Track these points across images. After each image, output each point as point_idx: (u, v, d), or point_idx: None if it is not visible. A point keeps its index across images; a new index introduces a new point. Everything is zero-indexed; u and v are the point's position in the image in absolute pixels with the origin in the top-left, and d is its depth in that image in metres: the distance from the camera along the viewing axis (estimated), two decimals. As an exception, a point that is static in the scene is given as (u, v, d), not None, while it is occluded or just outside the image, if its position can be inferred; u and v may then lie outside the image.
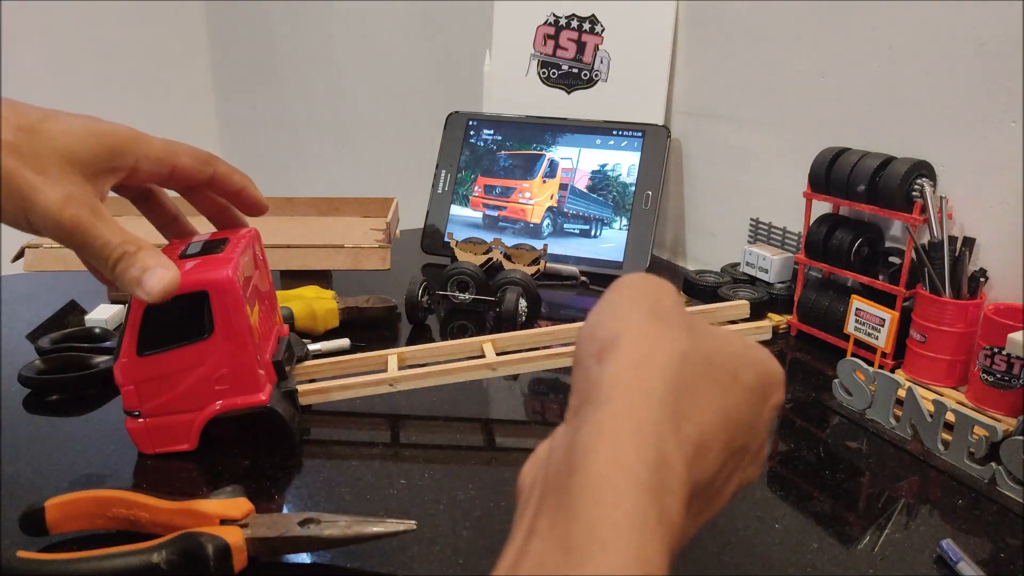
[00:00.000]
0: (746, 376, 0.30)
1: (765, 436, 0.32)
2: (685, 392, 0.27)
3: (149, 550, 0.41)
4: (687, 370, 0.28)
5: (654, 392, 0.26)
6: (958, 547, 0.44)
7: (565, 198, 0.98)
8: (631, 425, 0.25)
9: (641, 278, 0.31)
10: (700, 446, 0.27)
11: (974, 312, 0.62)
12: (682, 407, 0.27)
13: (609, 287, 0.30)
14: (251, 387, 0.53)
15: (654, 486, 0.24)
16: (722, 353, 0.30)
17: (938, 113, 0.68)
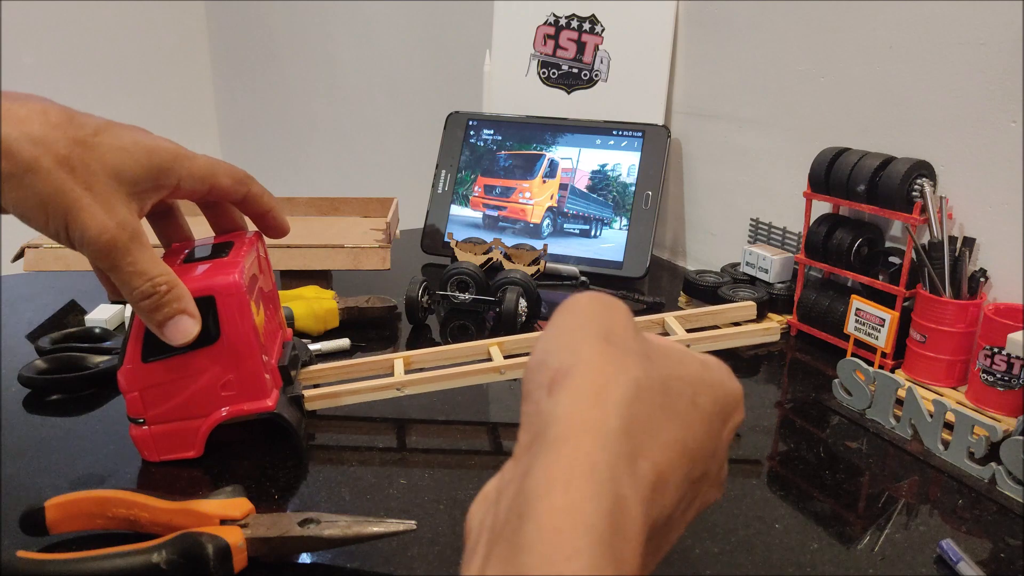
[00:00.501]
0: (704, 401, 0.29)
1: (725, 458, 0.31)
2: (641, 427, 0.26)
3: (149, 550, 0.41)
4: (643, 402, 0.26)
5: (609, 430, 0.25)
6: (958, 547, 0.44)
7: (565, 198, 0.98)
8: (584, 469, 0.24)
9: (591, 300, 0.29)
10: (658, 483, 0.26)
11: (974, 312, 0.62)
12: (638, 443, 0.25)
13: (557, 310, 0.28)
14: (257, 393, 0.53)
15: (609, 536, 0.23)
16: (679, 379, 0.28)
17: (938, 113, 0.68)
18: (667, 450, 0.26)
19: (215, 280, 0.50)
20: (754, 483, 0.53)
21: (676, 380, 0.28)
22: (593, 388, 0.25)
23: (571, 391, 0.25)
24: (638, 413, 0.26)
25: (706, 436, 0.29)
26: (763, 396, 0.66)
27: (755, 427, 0.60)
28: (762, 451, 0.57)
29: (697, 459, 0.28)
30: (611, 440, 0.24)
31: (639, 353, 0.27)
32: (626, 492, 0.24)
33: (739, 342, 0.61)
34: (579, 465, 0.24)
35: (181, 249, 0.55)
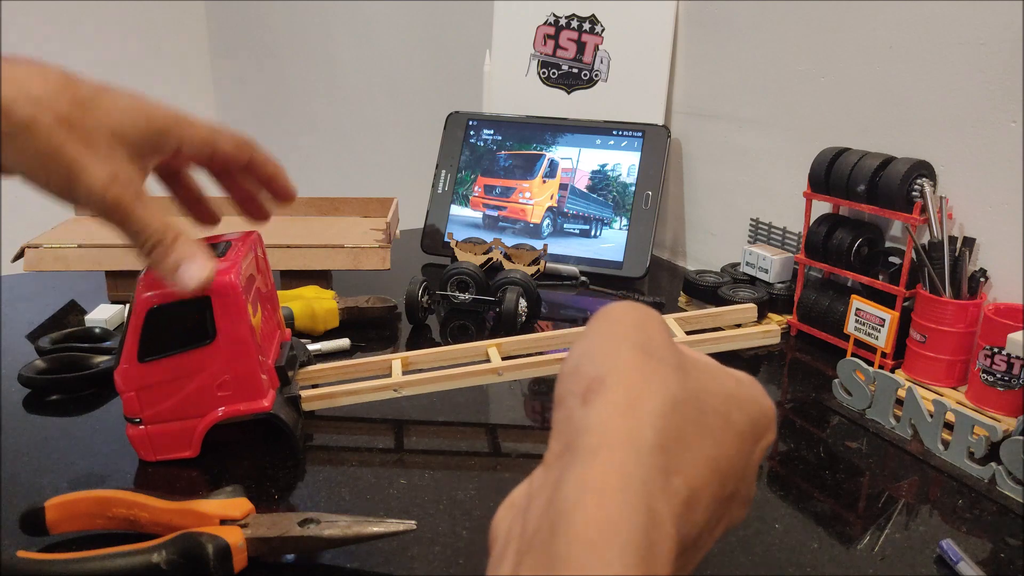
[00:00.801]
0: (738, 419, 0.28)
1: (754, 478, 0.31)
2: (675, 442, 0.25)
3: (149, 550, 0.41)
4: (678, 417, 0.26)
5: (644, 443, 0.24)
6: (958, 547, 0.44)
7: (565, 198, 0.98)
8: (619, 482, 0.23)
9: (630, 308, 0.28)
10: (690, 500, 0.25)
11: (974, 312, 0.62)
12: (672, 459, 0.25)
13: (594, 316, 0.28)
14: (254, 393, 0.53)
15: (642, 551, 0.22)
16: (714, 395, 0.28)
17: (938, 113, 0.68)
18: (700, 467, 0.26)
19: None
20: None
21: (711, 396, 0.28)
22: (628, 399, 0.25)
23: (606, 401, 0.25)
24: (672, 427, 0.25)
25: (737, 455, 0.28)
26: (763, 396, 0.66)
27: (755, 427, 0.60)
28: (762, 451, 0.57)
29: (728, 478, 0.28)
30: (645, 453, 0.24)
31: (675, 365, 0.27)
32: (660, 507, 0.24)
33: (739, 344, 0.61)
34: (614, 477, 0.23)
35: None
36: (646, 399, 0.25)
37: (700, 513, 0.26)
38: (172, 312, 0.50)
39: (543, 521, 0.23)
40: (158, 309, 0.50)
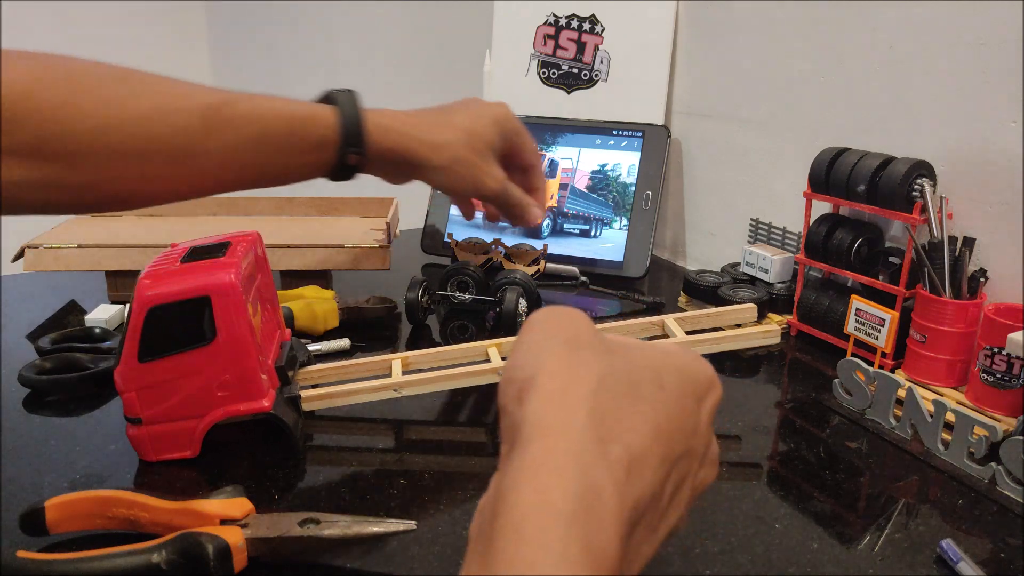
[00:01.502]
0: (671, 383, 0.30)
1: (709, 437, 0.32)
2: (609, 415, 0.27)
3: (149, 550, 0.41)
4: (607, 392, 0.28)
5: (575, 423, 0.26)
6: (958, 547, 0.44)
7: (565, 198, 0.98)
8: (553, 460, 0.25)
9: (551, 312, 0.30)
10: (632, 464, 0.27)
11: (974, 312, 0.62)
12: (607, 430, 0.26)
13: (522, 326, 0.30)
14: (254, 393, 0.53)
15: (578, 518, 0.24)
16: (643, 367, 0.30)
17: (938, 113, 0.68)
18: (638, 432, 0.27)
19: (211, 280, 0.50)
20: (754, 483, 0.53)
21: (640, 369, 0.29)
22: (557, 388, 0.27)
23: (538, 395, 0.27)
24: (604, 403, 0.27)
25: (680, 415, 0.29)
26: (763, 396, 0.66)
27: (755, 427, 0.60)
28: (762, 451, 0.57)
29: (674, 438, 0.29)
30: (578, 431, 0.26)
31: (601, 351, 0.29)
32: (598, 477, 0.25)
33: (739, 344, 0.61)
34: (548, 457, 0.25)
35: (179, 250, 0.55)
36: (574, 384, 0.27)
37: (649, 474, 0.27)
38: (172, 312, 0.50)
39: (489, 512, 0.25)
40: (158, 309, 0.50)
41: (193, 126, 0.53)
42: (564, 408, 0.27)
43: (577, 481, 0.25)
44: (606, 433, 0.26)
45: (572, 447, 0.26)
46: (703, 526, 0.48)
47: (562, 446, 0.25)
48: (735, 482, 0.53)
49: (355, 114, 0.60)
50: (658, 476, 0.28)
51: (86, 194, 0.52)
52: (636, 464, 0.27)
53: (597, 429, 0.26)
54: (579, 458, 0.25)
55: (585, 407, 0.27)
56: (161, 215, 0.98)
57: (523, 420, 0.27)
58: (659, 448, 0.28)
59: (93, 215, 0.97)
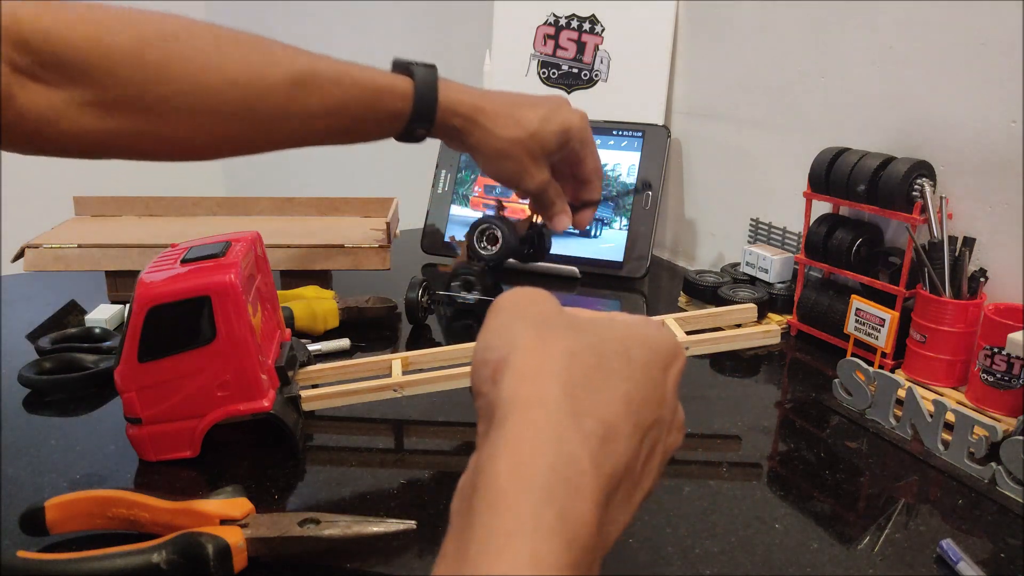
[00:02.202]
0: (638, 354, 0.31)
1: (675, 403, 0.33)
2: (581, 389, 0.28)
3: (149, 550, 0.41)
4: (578, 366, 0.28)
5: (549, 397, 0.27)
6: (958, 547, 0.44)
7: (565, 198, 0.98)
8: (529, 434, 0.26)
9: (515, 294, 0.32)
10: (607, 436, 0.27)
11: (974, 312, 0.62)
12: (580, 404, 0.27)
13: (489, 310, 0.31)
14: (254, 393, 0.53)
15: (553, 489, 0.24)
16: (610, 340, 0.30)
17: (938, 113, 0.68)
18: (610, 404, 0.28)
19: (211, 280, 0.50)
20: (754, 483, 0.53)
21: (607, 342, 0.30)
22: (530, 366, 0.28)
23: (511, 374, 0.28)
24: (575, 377, 0.28)
25: (648, 385, 0.30)
26: (763, 396, 0.66)
27: (755, 427, 0.60)
28: (762, 451, 0.57)
29: (645, 407, 0.30)
30: (553, 405, 0.27)
31: (567, 326, 0.30)
32: (573, 448, 0.26)
33: (739, 344, 0.61)
34: (524, 431, 0.26)
35: (179, 250, 0.55)
36: (546, 362, 0.28)
37: (623, 444, 0.28)
38: (172, 312, 0.50)
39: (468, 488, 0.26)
40: (158, 309, 0.50)
41: (280, 92, 0.57)
42: (538, 384, 0.27)
43: (553, 453, 0.25)
44: (579, 407, 0.27)
45: (547, 421, 0.26)
46: (703, 526, 0.48)
47: (537, 420, 0.26)
48: (735, 482, 0.53)
49: (431, 93, 0.64)
50: (631, 446, 0.29)
51: (174, 147, 0.57)
52: (610, 435, 0.28)
53: (571, 403, 0.27)
54: (555, 431, 0.26)
55: (558, 382, 0.27)
56: (161, 215, 0.98)
57: (498, 398, 0.27)
58: (630, 419, 0.29)
59: (93, 215, 0.97)
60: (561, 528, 0.24)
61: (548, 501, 0.24)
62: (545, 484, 0.25)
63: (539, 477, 0.25)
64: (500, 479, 0.25)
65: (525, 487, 0.24)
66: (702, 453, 0.57)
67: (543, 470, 0.25)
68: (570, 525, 0.24)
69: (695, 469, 0.54)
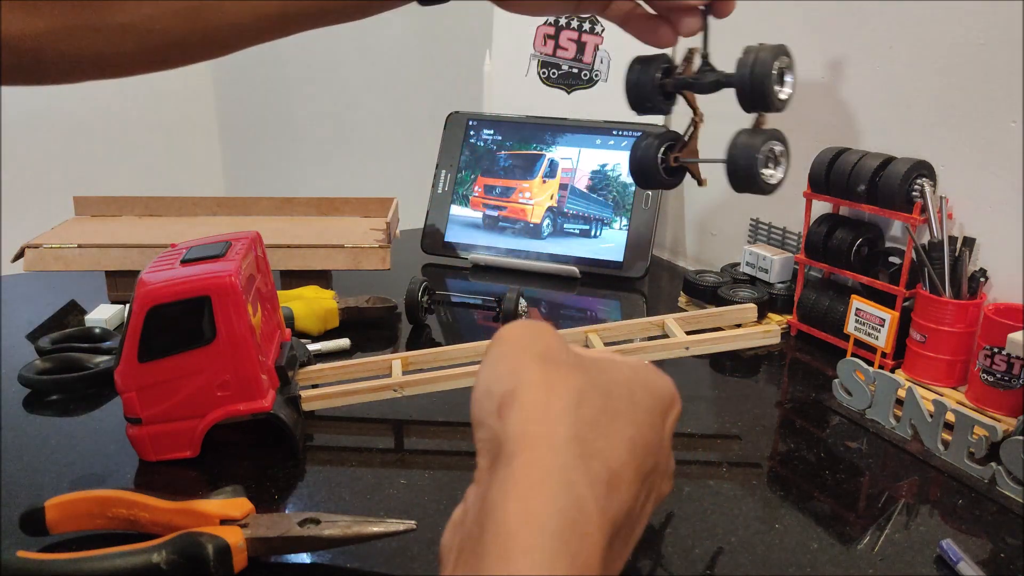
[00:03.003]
0: (642, 398, 0.31)
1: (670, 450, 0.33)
2: (589, 430, 0.27)
3: (149, 550, 0.41)
4: (587, 407, 0.28)
5: (558, 438, 0.26)
6: (958, 547, 0.44)
7: (565, 198, 0.98)
8: (538, 476, 0.25)
9: (521, 327, 0.31)
10: (612, 482, 0.27)
11: (974, 312, 0.62)
12: (588, 446, 0.27)
13: (493, 340, 0.31)
14: (254, 393, 0.53)
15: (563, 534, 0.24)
16: (616, 383, 0.30)
17: (938, 113, 0.68)
18: (617, 448, 0.28)
19: (210, 280, 0.50)
20: (754, 483, 0.53)
21: (613, 384, 0.30)
22: (539, 403, 0.27)
23: (519, 410, 0.27)
24: (584, 418, 0.28)
25: (650, 430, 0.30)
26: (763, 396, 0.66)
27: (755, 427, 0.60)
28: (762, 451, 0.57)
29: (646, 453, 0.30)
30: (562, 446, 0.26)
31: (575, 365, 0.30)
32: (582, 492, 0.26)
33: (739, 344, 0.61)
34: (534, 472, 0.25)
35: (179, 250, 0.55)
36: (554, 400, 0.28)
37: (625, 490, 0.28)
38: (172, 312, 0.50)
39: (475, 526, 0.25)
40: (158, 309, 0.50)
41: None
42: (546, 423, 0.27)
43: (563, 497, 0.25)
44: (587, 448, 0.27)
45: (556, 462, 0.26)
46: (703, 526, 0.48)
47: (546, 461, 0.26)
48: (735, 482, 0.53)
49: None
50: (632, 491, 0.28)
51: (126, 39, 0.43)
52: (615, 482, 0.27)
53: (579, 444, 0.27)
54: (564, 474, 0.26)
55: (566, 422, 0.27)
56: (161, 215, 0.98)
57: (505, 435, 0.27)
58: (634, 464, 0.28)
59: (93, 215, 0.97)
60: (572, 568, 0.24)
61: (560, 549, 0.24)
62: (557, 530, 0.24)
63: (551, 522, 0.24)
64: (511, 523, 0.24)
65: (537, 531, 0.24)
66: (702, 453, 0.57)
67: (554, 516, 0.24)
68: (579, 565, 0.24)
69: (695, 469, 0.54)
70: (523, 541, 0.24)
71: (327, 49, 1.82)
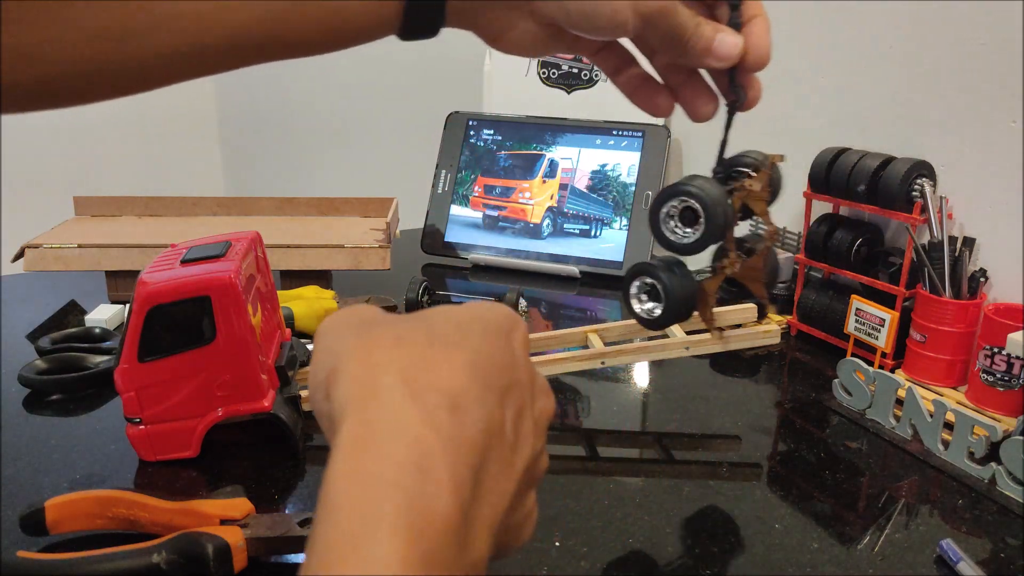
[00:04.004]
0: (473, 326, 0.30)
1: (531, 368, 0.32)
2: (415, 369, 0.27)
3: (149, 550, 0.41)
4: (408, 349, 0.28)
5: (383, 388, 0.26)
6: (958, 547, 0.44)
7: (565, 198, 0.98)
8: (364, 432, 0.25)
9: (333, 316, 0.31)
10: (454, 404, 0.27)
11: (974, 312, 0.62)
12: (417, 383, 0.27)
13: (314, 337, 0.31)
14: (254, 393, 0.53)
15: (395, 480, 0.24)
16: (439, 322, 0.30)
17: (938, 113, 0.68)
18: (451, 374, 0.27)
19: (210, 280, 0.50)
20: (754, 483, 0.53)
21: (436, 324, 0.30)
22: (358, 366, 0.27)
23: (341, 381, 0.27)
24: (407, 359, 0.27)
25: (491, 349, 0.30)
26: (763, 396, 0.66)
27: (755, 427, 0.60)
28: (762, 451, 0.57)
29: (491, 371, 0.29)
30: (386, 395, 0.26)
31: (391, 322, 0.30)
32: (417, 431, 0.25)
33: (739, 344, 0.61)
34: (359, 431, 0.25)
35: (179, 250, 0.55)
36: (374, 355, 0.28)
37: (474, 409, 0.27)
38: (172, 312, 0.50)
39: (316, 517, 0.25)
40: (158, 309, 0.50)
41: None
42: (370, 380, 0.27)
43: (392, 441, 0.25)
44: (416, 385, 0.26)
45: (384, 411, 0.25)
46: (703, 526, 0.48)
47: (373, 415, 0.25)
48: (735, 482, 0.53)
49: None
50: (486, 409, 0.28)
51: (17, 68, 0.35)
52: (458, 403, 0.27)
53: (407, 384, 0.26)
54: (393, 419, 0.25)
55: (391, 370, 0.27)
56: (161, 215, 0.98)
57: (334, 410, 0.27)
58: (477, 383, 0.28)
59: (93, 215, 0.97)
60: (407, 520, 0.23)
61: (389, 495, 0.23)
62: (387, 478, 0.24)
63: (379, 472, 0.24)
64: (337, 484, 0.24)
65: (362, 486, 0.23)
66: (702, 453, 0.57)
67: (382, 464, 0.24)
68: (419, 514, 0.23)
69: (695, 469, 0.54)
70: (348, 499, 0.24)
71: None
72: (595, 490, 0.51)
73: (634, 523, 0.48)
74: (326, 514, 0.24)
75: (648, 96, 0.47)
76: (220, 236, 0.57)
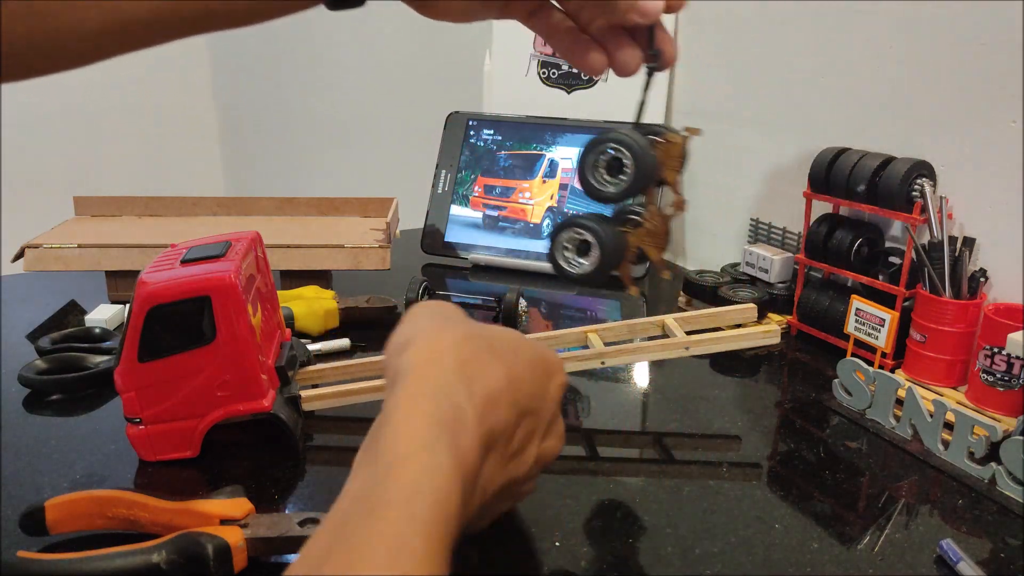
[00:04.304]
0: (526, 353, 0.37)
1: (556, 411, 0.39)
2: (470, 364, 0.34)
3: (149, 550, 0.41)
4: (470, 347, 0.35)
5: (443, 365, 0.34)
6: (958, 547, 0.44)
7: (565, 198, 0.98)
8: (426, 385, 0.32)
9: (426, 303, 0.40)
10: (489, 400, 0.34)
11: (974, 312, 0.62)
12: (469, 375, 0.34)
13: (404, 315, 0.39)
14: (254, 393, 0.53)
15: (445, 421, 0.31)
16: (501, 339, 0.37)
17: (938, 113, 0.68)
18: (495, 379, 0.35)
19: (210, 280, 0.50)
20: (754, 483, 0.53)
21: (499, 340, 0.37)
22: (430, 340, 0.35)
23: (413, 348, 0.35)
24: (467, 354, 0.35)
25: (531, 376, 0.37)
26: (763, 396, 0.66)
27: (755, 427, 0.60)
28: (762, 451, 0.57)
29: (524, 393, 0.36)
30: (445, 370, 0.33)
31: (465, 322, 0.38)
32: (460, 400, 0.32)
33: (739, 344, 0.61)
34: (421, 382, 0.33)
35: (179, 250, 0.55)
36: (444, 337, 0.35)
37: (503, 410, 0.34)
38: (172, 312, 0.50)
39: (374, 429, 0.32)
40: (158, 309, 0.50)
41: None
42: (436, 353, 0.34)
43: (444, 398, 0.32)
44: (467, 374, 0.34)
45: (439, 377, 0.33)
46: (703, 526, 0.48)
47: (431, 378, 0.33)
48: (735, 482, 0.53)
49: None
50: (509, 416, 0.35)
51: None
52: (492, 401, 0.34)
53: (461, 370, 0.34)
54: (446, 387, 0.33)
55: (451, 355, 0.34)
56: (161, 215, 0.98)
57: (400, 365, 0.34)
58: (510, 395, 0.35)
59: (93, 215, 0.97)
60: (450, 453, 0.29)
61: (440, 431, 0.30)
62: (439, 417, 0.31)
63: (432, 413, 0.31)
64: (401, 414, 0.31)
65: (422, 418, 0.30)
66: (702, 453, 0.57)
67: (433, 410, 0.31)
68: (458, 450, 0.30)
69: (695, 469, 0.54)
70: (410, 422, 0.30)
71: (327, 49, 1.82)
72: (595, 490, 0.51)
73: (634, 523, 0.48)
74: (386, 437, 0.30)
75: (582, 54, 0.50)
76: (220, 236, 0.57)
